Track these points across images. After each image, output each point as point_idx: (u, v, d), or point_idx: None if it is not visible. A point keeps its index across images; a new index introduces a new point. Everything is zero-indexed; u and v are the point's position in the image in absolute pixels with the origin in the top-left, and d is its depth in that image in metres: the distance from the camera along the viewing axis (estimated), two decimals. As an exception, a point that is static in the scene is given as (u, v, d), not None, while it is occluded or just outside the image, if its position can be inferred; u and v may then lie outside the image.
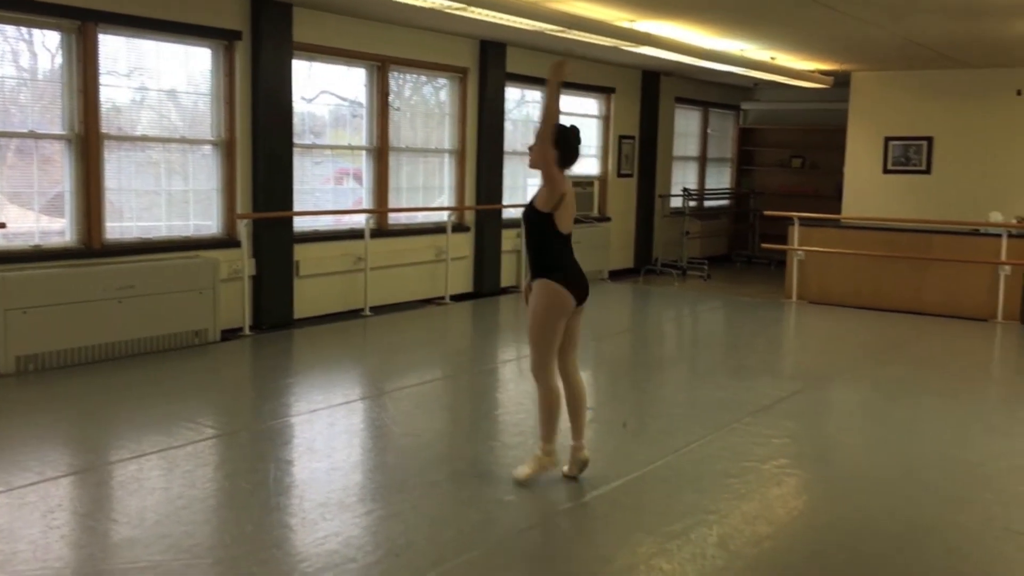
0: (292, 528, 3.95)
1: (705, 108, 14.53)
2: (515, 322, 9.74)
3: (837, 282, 10.39)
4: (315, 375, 6.89)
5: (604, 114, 12.37)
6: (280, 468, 4.69)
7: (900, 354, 8.15)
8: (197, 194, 7.76)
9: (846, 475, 4.87)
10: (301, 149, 8.49)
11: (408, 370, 6.98)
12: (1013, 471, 4.87)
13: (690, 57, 9.48)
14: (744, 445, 5.20)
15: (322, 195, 8.99)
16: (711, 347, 8.90)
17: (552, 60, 4.46)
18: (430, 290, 9.78)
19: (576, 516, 4.12)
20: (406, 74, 9.56)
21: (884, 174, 12.00)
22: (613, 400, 6.43)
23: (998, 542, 3.93)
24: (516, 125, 11.12)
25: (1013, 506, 4.35)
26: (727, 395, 6.37)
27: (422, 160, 9.86)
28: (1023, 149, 11.10)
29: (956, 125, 11.53)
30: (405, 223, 9.67)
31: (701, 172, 14.75)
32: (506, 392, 6.63)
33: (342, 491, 4.34)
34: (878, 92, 12.02)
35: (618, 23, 8.29)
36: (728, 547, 3.84)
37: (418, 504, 4.20)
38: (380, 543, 3.78)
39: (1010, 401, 6.83)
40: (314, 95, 8.77)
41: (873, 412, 6.28)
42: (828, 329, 9.40)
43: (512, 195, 10.97)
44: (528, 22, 7.37)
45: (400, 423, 5.55)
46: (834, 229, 10.79)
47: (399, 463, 4.88)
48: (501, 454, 5.03)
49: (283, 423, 5.47)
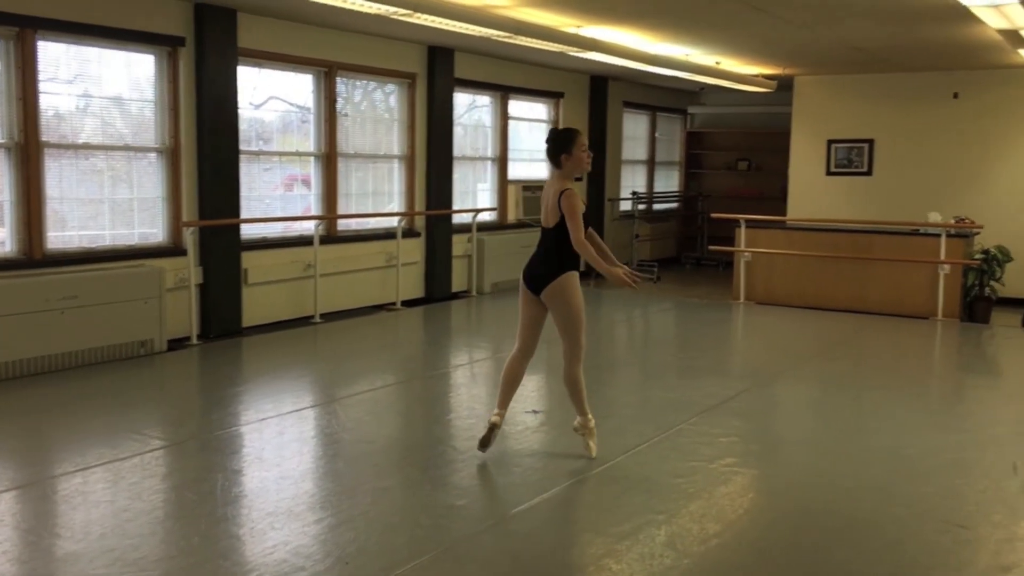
0: (240, 538, 3.92)
1: (653, 112, 14.69)
2: (467, 326, 9.76)
3: (783, 283, 10.57)
4: (264, 383, 6.83)
5: (553, 118, 12.45)
6: (228, 478, 4.65)
7: (843, 352, 8.32)
8: (142, 202, 7.66)
9: (791, 472, 4.97)
10: (249, 156, 8.43)
11: (359, 376, 6.95)
12: (951, 465, 5.00)
13: (636, 62, 9.59)
14: (692, 445, 5.27)
15: (271, 202, 8.93)
16: (661, 348, 9.00)
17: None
18: (381, 296, 9.76)
19: (527, 519, 4.15)
20: (354, 80, 9.53)
21: (827, 176, 12.25)
22: (565, 402, 6.47)
23: (936, 535, 4.03)
24: (466, 130, 11.14)
25: (951, 499, 4.47)
26: (676, 395, 6.45)
27: (371, 166, 9.83)
28: (960, 151, 11.41)
29: (896, 128, 11.81)
30: (355, 229, 9.64)
31: (650, 175, 14.91)
32: (458, 397, 6.65)
33: (291, 500, 4.32)
34: (820, 96, 12.27)
35: (565, 29, 8.36)
36: (676, 546, 3.90)
37: (369, 511, 4.20)
38: (330, 551, 3.77)
39: (949, 397, 7.01)
40: (262, 101, 8.70)
41: (817, 409, 6.41)
42: (774, 329, 9.56)
43: (462, 200, 10.99)
44: (475, 28, 7.40)
45: (351, 430, 5.53)
46: (779, 231, 10.98)
47: (350, 470, 4.86)
48: (453, 459, 5.04)
49: (231, 432, 5.42)
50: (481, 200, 11.42)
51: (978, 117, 11.28)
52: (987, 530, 4.09)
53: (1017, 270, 10.23)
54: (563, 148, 4.74)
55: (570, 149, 4.73)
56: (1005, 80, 10.99)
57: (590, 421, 4.96)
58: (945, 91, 11.46)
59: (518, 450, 5.24)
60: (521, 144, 12.05)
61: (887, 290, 10.02)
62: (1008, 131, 11.14)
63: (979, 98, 11.26)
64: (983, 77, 11.16)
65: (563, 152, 4.74)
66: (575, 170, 4.79)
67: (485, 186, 11.55)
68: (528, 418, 5.79)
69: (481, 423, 5.79)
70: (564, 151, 4.74)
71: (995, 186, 11.19)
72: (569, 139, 4.75)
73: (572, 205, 4.62)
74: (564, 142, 4.75)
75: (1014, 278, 10.22)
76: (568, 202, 4.62)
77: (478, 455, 4.92)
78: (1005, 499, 4.49)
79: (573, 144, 4.73)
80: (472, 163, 11.28)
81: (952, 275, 9.69)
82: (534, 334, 4.94)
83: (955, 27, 7.95)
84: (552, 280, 4.78)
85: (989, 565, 3.74)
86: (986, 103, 11.22)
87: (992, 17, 6.44)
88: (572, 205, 4.62)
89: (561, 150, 4.74)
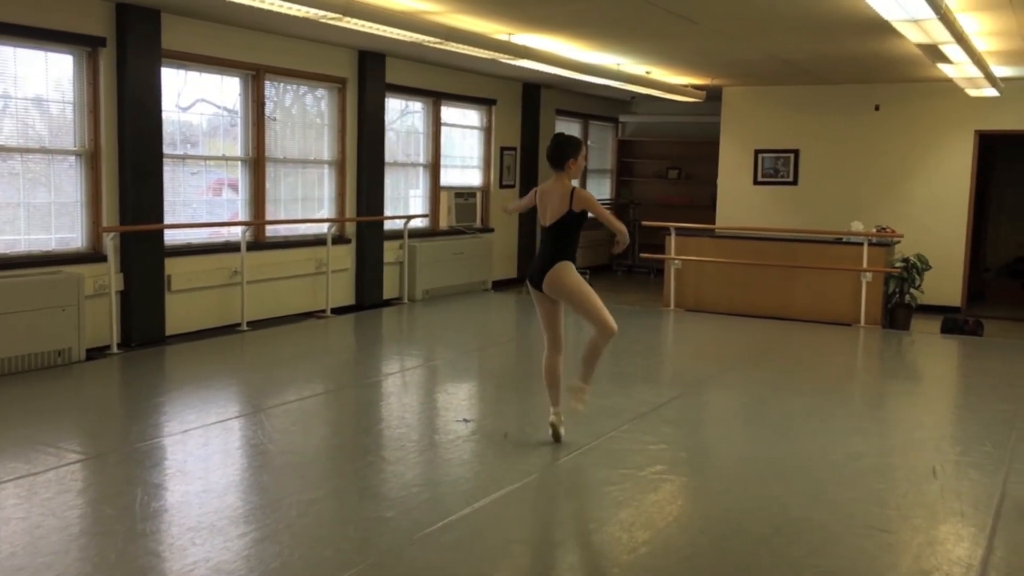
0: (159, 555, 3.79)
1: (585, 120, 14.79)
2: (398, 334, 9.67)
3: (712, 290, 10.71)
4: (188, 393, 6.65)
5: (485, 125, 12.43)
6: (148, 492, 4.50)
7: (770, 359, 8.46)
8: (60, 207, 7.41)
9: (719, 478, 5.01)
10: (173, 160, 8.23)
11: (287, 386, 6.82)
12: (874, 470, 5.11)
13: (568, 70, 9.63)
14: (623, 452, 5.29)
15: (198, 207, 8.72)
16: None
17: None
18: (310, 303, 9.61)
19: (456, 530, 4.10)
20: (284, 83, 9.38)
21: (755, 185, 12.48)
22: (496, 410, 6.45)
23: (859, 539, 4.10)
24: (399, 136, 11.06)
25: (873, 504, 4.55)
26: (608, 403, 6.46)
27: (301, 171, 9.68)
28: (882, 162, 11.72)
29: (821, 138, 12.08)
30: (284, 235, 9.48)
31: (582, 183, 15.00)
32: (388, 406, 6.56)
33: (214, 514, 4.19)
34: (748, 106, 12.49)
35: (496, 36, 8.35)
36: (606, 555, 3.89)
37: (294, 524, 4.10)
38: (253, 567, 3.67)
39: (872, 402, 7.17)
40: (189, 104, 8.51)
41: (745, 415, 6.49)
42: (704, 335, 9.68)
43: (394, 206, 10.90)
44: (405, 33, 7.34)
45: (277, 441, 5.41)
46: (708, 239, 11.12)
47: (276, 482, 4.75)
48: (382, 469, 4.96)
49: (153, 444, 5.26)
50: (413, 206, 11.34)
51: (898, 129, 11.60)
52: (908, 534, 4.18)
53: (936, 278, 10.54)
54: (571, 153, 5.18)
55: (577, 156, 5.18)
56: (924, 93, 11.33)
57: (587, 388, 5.36)
58: (867, 103, 11.77)
59: (448, 460, 5.19)
60: (454, 150, 12.01)
61: (812, 297, 10.23)
62: (927, 143, 11.49)
63: (900, 111, 11.59)
64: (903, 90, 11.49)
65: (571, 157, 5.18)
66: (576, 174, 5.25)
67: (417, 192, 11.47)
68: (459, 427, 5.74)
69: (412, 431, 5.74)
70: (572, 156, 5.18)
71: (914, 196, 11.52)
72: (576, 146, 5.22)
73: (588, 198, 5.17)
74: (573, 148, 5.20)
75: (933, 286, 10.54)
76: (584, 196, 5.15)
77: (409, 465, 4.85)
78: (926, 503, 4.59)
79: (579, 152, 5.20)
80: (404, 169, 11.19)
81: (874, 283, 9.93)
82: (556, 329, 5.30)
83: (877, 41, 8.16)
84: (547, 272, 5.13)
85: (910, 569, 3.82)
86: (906, 115, 11.56)
87: (912, 32, 6.61)
88: (588, 198, 5.17)
89: (569, 155, 5.18)
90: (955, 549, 4.03)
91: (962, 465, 5.21)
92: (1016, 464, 5.19)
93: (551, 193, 5.19)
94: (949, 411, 6.95)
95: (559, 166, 5.19)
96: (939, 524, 4.33)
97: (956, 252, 11.25)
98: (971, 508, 4.51)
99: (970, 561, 3.88)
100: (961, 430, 6.17)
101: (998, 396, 6.93)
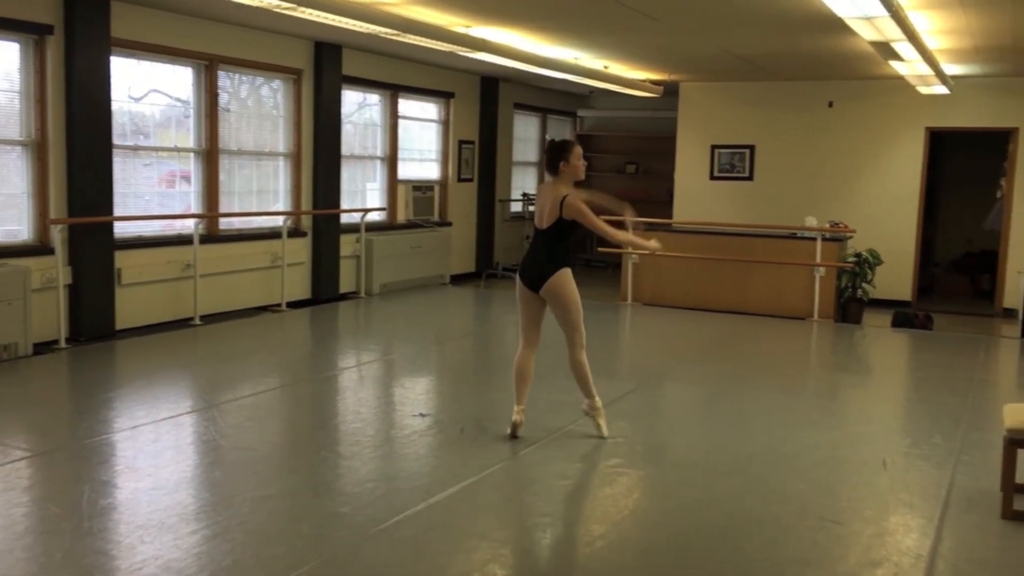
0: (107, 554, 3.72)
1: (544, 114, 14.79)
2: (355, 328, 9.59)
3: (669, 284, 10.78)
4: (139, 389, 6.53)
5: (444, 119, 12.37)
6: (96, 489, 4.41)
7: (726, 353, 8.53)
8: (6, 198, 7.23)
9: (674, 472, 5.04)
10: (124, 151, 8.07)
11: (241, 381, 6.73)
12: (826, 462, 5.17)
13: (526, 64, 9.61)
14: (579, 446, 5.30)
15: (151, 199, 8.57)
16: (549, 350, 8.98)
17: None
18: (265, 297, 9.49)
19: (412, 525, 4.07)
20: (238, 74, 9.24)
21: (711, 180, 12.56)
22: (453, 405, 6.43)
23: (811, 531, 4.15)
24: (356, 128, 10.96)
25: (825, 496, 4.61)
26: (564, 397, 6.45)
27: (256, 163, 9.56)
28: (835, 158, 11.87)
29: (776, 134, 12.20)
30: (238, 228, 9.35)
31: (540, 177, 14.99)
32: (344, 401, 6.50)
33: (164, 511, 4.12)
34: (705, 102, 12.57)
35: (454, 28, 8.30)
36: (561, 549, 3.89)
37: (247, 521, 4.05)
38: (204, 565, 3.61)
39: (824, 395, 7.27)
40: (142, 94, 8.34)
41: (700, 409, 6.54)
42: (660, 330, 9.74)
43: (351, 200, 10.81)
44: (362, 24, 7.26)
45: (230, 436, 5.34)
46: (666, 233, 11.15)
47: (228, 479, 4.69)
48: (337, 465, 4.92)
49: (101, 441, 5.16)
50: (370, 200, 11.25)
51: (851, 125, 11.76)
52: (859, 525, 4.23)
53: (887, 273, 10.71)
54: (562, 156, 5.22)
55: (568, 158, 5.22)
56: (877, 90, 11.49)
57: (597, 402, 5.42)
58: (821, 100, 11.90)
59: (404, 455, 5.16)
60: (412, 144, 11.93)
61: (767, 291, 10.33)
62: (879, 139, 11.65)
63: (853, 107, 11.74)
64: (857, 87, 11.64)
65: (562, 160, 5.22)
66: (572, 176, 5.26)
67: (374, 186, 11.38)
68: (416, 422, 5.71)
69: (368, 426, 5.69)
70: (563, 159, 5.22)
71: (866, 192, 11.69)
72: (567, 149, 5.25)
73: (578, 208, 5.12)
74: (562, 151, 5.24)
75: (884, 280, 10.70)
76: (574, 206, 5.11)
77: (365, 460, 4.81)
78: (876, 494, 4.65)
79: (571, 153, 5.23)
80: (361, 162, 11.10)
81: (827, 277, 10.06)
82: (536, 329, 5.42)
83: (831, 38, 8.25)
84: (549, 277, 5.22)
85: (860, 560, 3.87)
86: (859, 112, 11.71)
87: (865, 29, 6.69)
88: (578, 208, 5.12)
89: (560, 158, 5.22)
90: (904, 540, 4.10)
91: (912, 457, 5.29)
92: (964, 456, 5.29)
93: (546, 196, 5.26)
94: (899, 404, 7.06)
95: (553, 171, 5.27)
96: (889, 515, 4.40)
97: (907, 247, 11.44)
98: (920, 499, 4.59)
99: (919, 552, 3.94)
100: (911, 422, 6.27)
101: (947, 389, 7.05)
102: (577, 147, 5.31)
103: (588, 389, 5.42)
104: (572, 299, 5.26)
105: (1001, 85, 10.93)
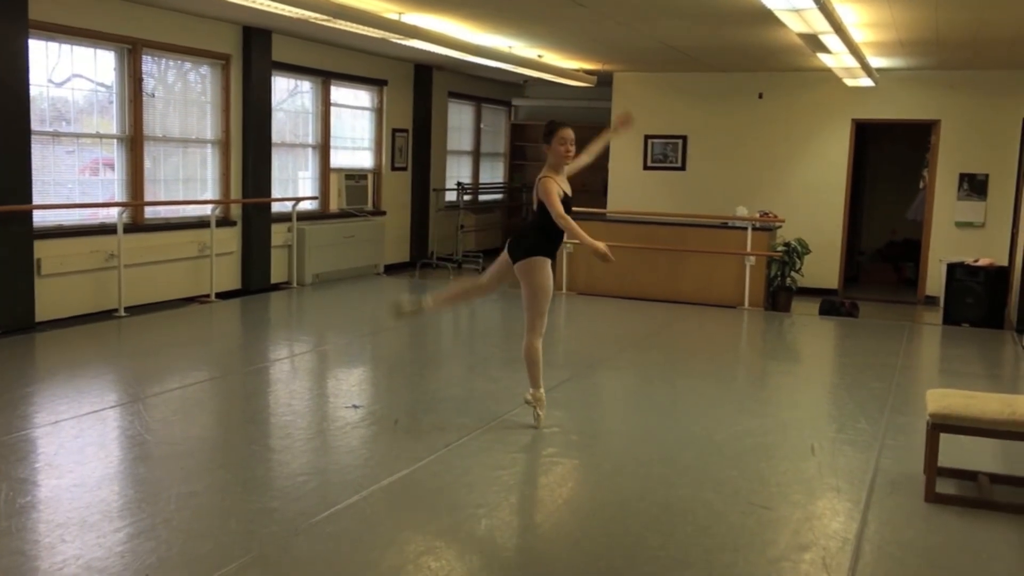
0: (25, 554, 3.58)
1: (478, 103, 14.72)
2: (286, 319, 9.44)
3: (603, 274, 10.83)
4: (60, 382, 6.32)
5: (377, 106, 12.24)
6: (14, 487, 4.24)
7: (660, 341, 8.61)
8: (-84, 185, 6.93)
9: (609, 460, 5.06)
10: (44, 137, 7.79)
11: (167, 373, 6.56)
12: (756, 449, 5.25)
13: (460, 52, 9.54)
14: (514, 435, 5.28)
15: (72, 187, 8.29)
16: (484, 340, 9.02)
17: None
18: (193, 288, 9.29)
19: (343, 519, 4.01)
20: (164, 59, 8.99)
21: (644, 170, 12.66)
22: (387, 396, 6.36)
23: (742, 517, 4.20)
24: (287, 116, 10.76)
25: (755, 482, 4.67)
26: (499, 387, 6.45)
27: (183, 151, 9.32)
28: (765, 148, 12.06)
29: (707, 125, 12.34)
30: (165, 217, 9.13)
31: (475, 166, 14.94)
32: (275, 393, 6.39)
33: (86, 509, 3.99)
34: (638, 92, 12.65)
35: (386, 15, 8.19)
36: (496, 540, 3.87)
37: (173, 518, 3.94)
38: (128, 563, 3.50)
39: (754, 382, 7.38)
40: (63, 79, 8.06)
41: (634, 397, 6.59)
42: (594, 319, 9.79)
43: (282, 188, 10.63)
44: (291, 9, 7.12)
45: (156, 431, 5.20)
46: (600, 223, 11.22)
47: (153, 475, 4.56)
48: (267, 459, 4.83)
49: (20, 437, 4.98)
50: (302, 188, 11.08)
51: (781, 117, 11.95)
52: (788, 510, 4.30)
53: (815, 262, 10.93)
54: (545, 140, 5.27)
55: (550, 140, 5.23)
56: (805, 83, 11.69)
57: (541, 393, 5.45)
58: (751, 91, 12.07)
59: (337, 447, 5.09)
60: (344, 132, 11.77)
61: (699, 280, 10.46)
62: (807, 131, 11.87)
63: (782, 99, 11.93)
64: (785, 79, 11.83)
65: (545, 143, 5.27)
66: (556, 159, 5.26)
67: (306, 174, 11.21)
68: (348, 413, 5.64)
69: (300, 419, 5.60)
70: (546, 142, 5.26)
71: (795, 182, 11.90)
72: (551, 132, 5.26)
73: (545, 189, 5.15)
74: (547, 134, 5.26)
75: (812, 269, 10.92)
76: (542, 187, 5.17)
77: (296, 453, 4.73)
78: (804, 480, 4.74)
79: (552, 137, 5.23)
80: (293, 150, 10.91)
81: (757, 266, 10.23)
82: (498, 281, 5.64)
83: (760, 30, 8.36)
84: (526, 258, 5.27)
85: (790, 544, 3.93)
86: (788, 104, 11.91)
87: (793, 21, 6.79)
88: (545, 189, 5.15)
89: (544, 141, 5.27)
90: (831, 523, 4.18)
91: (838, 442, 5.40)
92: (888, 440, 5.42)
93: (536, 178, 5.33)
94: (826, 390, 7.21)
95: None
96: (816, 500, 4.48)
97: (834, 236, 11.68)
98: (846, 483, 4.68)
99: (846, 535, 4.02)
100: (837, 408, 6.41)
101: (872, 375, 7.22)
102: (562, 131, 5.25)
103: (536, 378, 5.44)
104: (540, 285, 5.30)
105: (924, 78, 11.22)
